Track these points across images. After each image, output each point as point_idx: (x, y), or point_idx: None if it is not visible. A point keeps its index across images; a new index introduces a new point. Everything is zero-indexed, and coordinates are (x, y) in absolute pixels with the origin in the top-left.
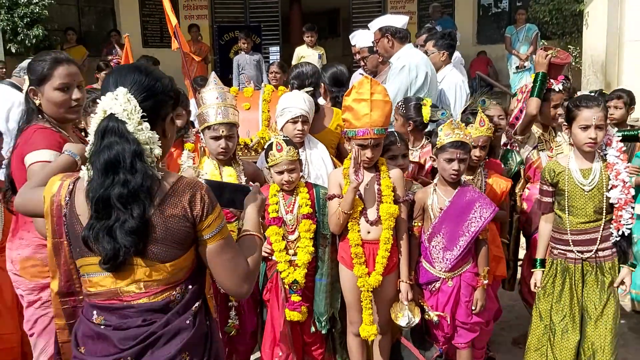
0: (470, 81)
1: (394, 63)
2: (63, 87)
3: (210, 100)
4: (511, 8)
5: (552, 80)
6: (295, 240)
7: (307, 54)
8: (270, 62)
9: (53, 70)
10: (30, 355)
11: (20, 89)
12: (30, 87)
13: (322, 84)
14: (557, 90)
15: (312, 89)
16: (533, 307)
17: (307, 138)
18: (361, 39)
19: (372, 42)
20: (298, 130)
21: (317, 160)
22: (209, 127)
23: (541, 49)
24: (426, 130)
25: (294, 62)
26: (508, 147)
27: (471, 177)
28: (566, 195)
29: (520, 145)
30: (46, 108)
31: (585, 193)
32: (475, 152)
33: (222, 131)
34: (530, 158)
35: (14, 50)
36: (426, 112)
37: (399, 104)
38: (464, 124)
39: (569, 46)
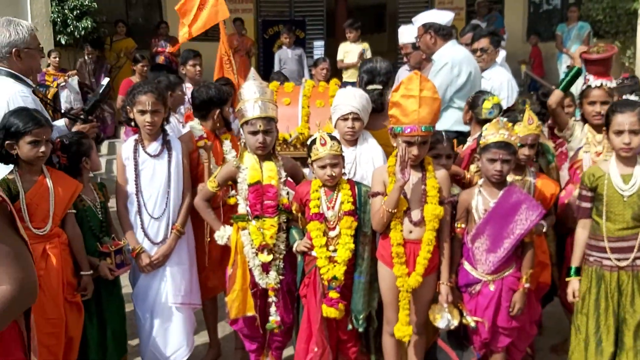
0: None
1: (436, 61)
2: None
3: (248, 95)
4: (563, 5)
5: (589, 77)
6: (335, 236)
7: (352, 49)
8: (317, 57)
9: None
10: (74, 340)
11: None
12: None
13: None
14: (592, 86)
15: (381, 87)
16: (572, 319)
17: (361, 135)
18: (405, 34)
19: (415, 37)
20: (348, 127)
21: (365, 160)
22: (246, 122)
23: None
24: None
25: (339, 58)
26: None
27: (519, 177)
28: (604, 200)
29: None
30: None
31: (625, 199)
32: (524, 151)
33: (260, 126)
34: (574, 158)
35: (63, 42)
36: (485, 107)
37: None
38: (511, 124)
39: (617, 44)
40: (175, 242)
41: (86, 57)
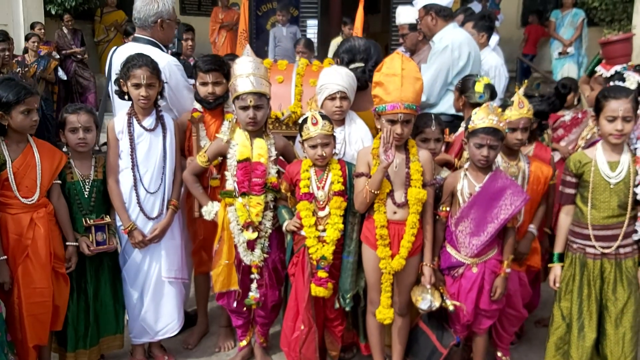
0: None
1: (436, 43)
2: None
3: (240, 70)
4: None
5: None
6: (325, 216)
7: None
8: (298, 38)
9: None
10: (60, 309)
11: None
12: None
13: None
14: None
15: (362, 64)
16: (554, 304)
17: (348, 115)
18: (403, 15)
19: (416, 19)
20: (336, 107)
21: (355, 140)
22: (238, 97)
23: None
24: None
25: (331, 48)
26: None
27: (513, 163)
28: (590, 187)
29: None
30: None
31: (611, 187)
32: (517, 135)
33: (250, 101)
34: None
35: (53, 12)
36: (478, 89)
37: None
38: (500, 110)
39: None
40: (172, 217)
41: (64, 28)
